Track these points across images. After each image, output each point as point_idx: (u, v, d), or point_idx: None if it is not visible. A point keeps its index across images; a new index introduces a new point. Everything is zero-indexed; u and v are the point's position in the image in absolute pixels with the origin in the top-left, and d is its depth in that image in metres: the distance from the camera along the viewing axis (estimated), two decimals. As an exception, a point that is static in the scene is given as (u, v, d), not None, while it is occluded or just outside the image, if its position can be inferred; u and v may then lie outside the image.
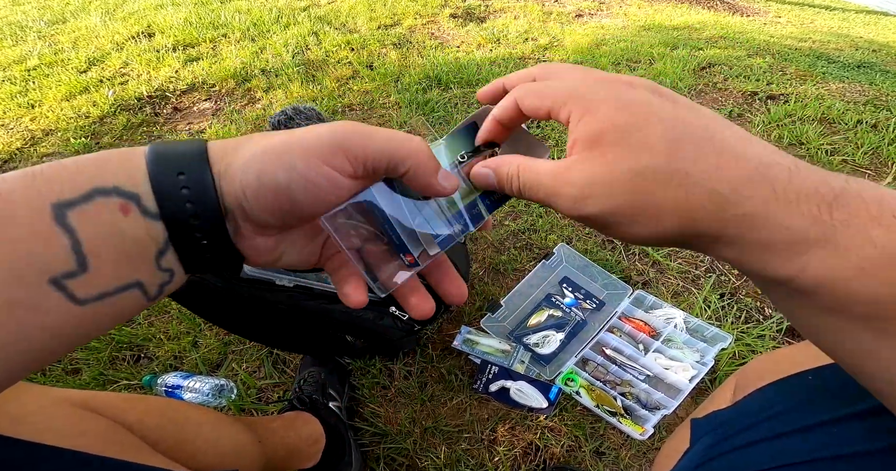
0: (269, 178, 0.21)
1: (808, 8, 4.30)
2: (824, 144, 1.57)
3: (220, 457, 0.47)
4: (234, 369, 0.93)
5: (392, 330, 0.82)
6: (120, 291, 0.21)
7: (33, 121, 1.72)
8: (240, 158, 0.22)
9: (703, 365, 0.91)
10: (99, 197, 0.20)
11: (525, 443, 0.85)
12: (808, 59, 2.35)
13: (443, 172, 0.25)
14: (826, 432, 0.28)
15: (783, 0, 4.45)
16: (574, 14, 2.91)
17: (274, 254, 0.25)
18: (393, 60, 2.07)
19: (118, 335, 0.98)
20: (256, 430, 0.58)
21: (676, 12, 3.25)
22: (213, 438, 0.48)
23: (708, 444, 0.36)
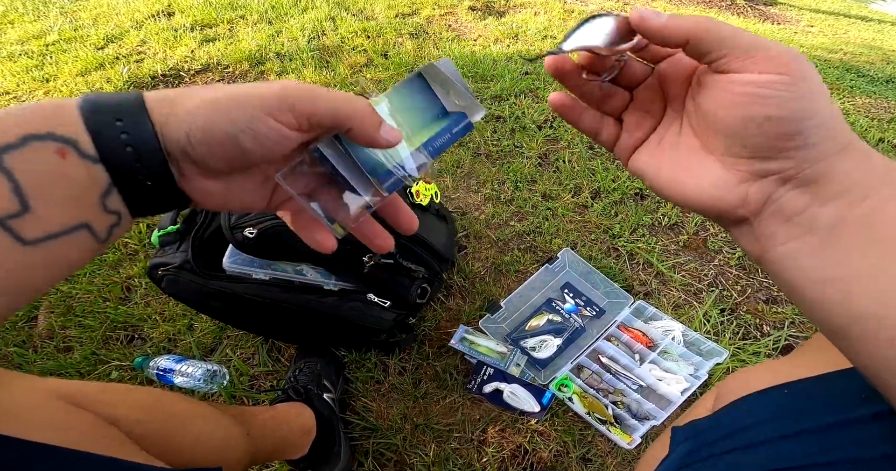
0: (217, 128, 0.22)
1: (842, 18, 4.18)
2: (844, 160, 1.54)
3: (206, 452, 0.47)
4: (227, 355, 0.93)
5: (378, 320, 0.81)
6: (67, 233, 0.21)
7: (46, 94, 1.73)
8: (182, 107, 0.22)
9: (697, 378, 0.91)
10: (34, 142, 0.20)
11: (514, 445, 0.85)
12: (836, 72, 2.28)
13: (385, 126, 0.26)
14: (800, 442, 0.29)
15: (818, 9, 4.32)
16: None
17: (221, 198, 0.26)
18: (408, 50, 2.04)
19: (113, 314, 0.99)
20: (246, 422, 0.58)
21: (703, 16, 3.17)
22: (200, 433, 0.48)
23: (685, 451, 0.37)
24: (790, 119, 0.21)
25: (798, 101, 0.21)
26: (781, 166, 0.23)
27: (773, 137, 0.22)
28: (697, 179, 0.25)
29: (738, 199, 0.24)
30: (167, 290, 0.79)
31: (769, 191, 0.23)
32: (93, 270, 1.08)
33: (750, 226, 0.25)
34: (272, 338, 0.95)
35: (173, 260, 0.78)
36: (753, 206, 0.24)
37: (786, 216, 0.23)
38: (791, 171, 0.22)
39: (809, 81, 0.22)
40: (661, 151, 0.28)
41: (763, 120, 0.22)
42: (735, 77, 0.23)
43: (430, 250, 0.87)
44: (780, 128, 0.22)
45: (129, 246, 1.14)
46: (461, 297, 1.06)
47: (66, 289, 1.04)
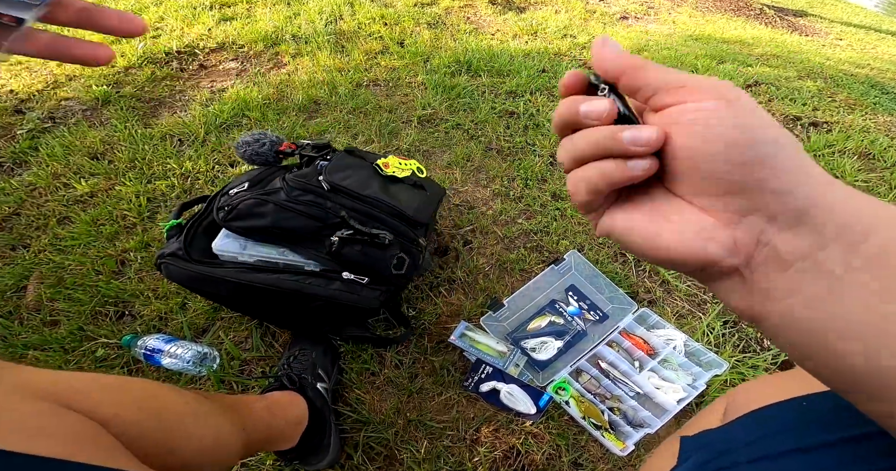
0: None
1: (872, 32, 4.11)
2: (859, 180, 1.51)
3: (201, 453, 0.45)
4: (220, 337, 0.91)
5: (365, 299, 0.80)
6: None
7: (59, 66, 1.71)
8: None
9: (694, 389, 0.90)
10: None
11: (507, 447, 0.83)
12: (861, 87, 2.24)
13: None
14: (813, 456, 0.29)
15: (848, 22, 4.25)
16: (619, 16, 2.81)
17: None
18: (425, 40, 2.01)
19: (105, 288, 0.96)
20: (242, 414, 0.56)
21: (730, 25, 3.12)
22: (194, 432, 0.45)
23: (697, 462, 0.36)
24: (746, 143, 0.20)
25: (744, 121, 0.20)
26: (760, 200, 0.20)
27: (739, 165, 0.20)
28: (678, 229, 0.23)
29: (726, 245, 0.21)
30: (168, 277, 0.80)
31: (758, 230, 0.21)
32: (88, 242, 1.06)
33: (741, 279, 0.22)
34: (266, 322, 0.93)
35: (170, 249, 0.80)
36: (744, 251, 0.21)
37: (785, 263, 0.20)
38: (773, 205, 0.20)
39: (747, 104, 0.21)
40: (634, 204, 0.25)
41: (722, 148, 0.20)
42: (674, 110, 0.22)
43: (398, 216, 0.85)
44: (742, 154, 0.20)
45: (128, 219, 1.12)
46: (463, 292, 1.04)
47: (59, 259, 1.02)
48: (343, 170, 0.87)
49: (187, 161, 1.27)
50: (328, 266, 0.80)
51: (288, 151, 0.95)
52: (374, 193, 0.85)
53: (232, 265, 0.79)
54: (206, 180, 1.23)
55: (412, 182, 0.94)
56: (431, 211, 0.92)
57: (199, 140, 1.36)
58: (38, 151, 1.30)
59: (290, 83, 1.66)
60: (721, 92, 0.21)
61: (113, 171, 1.25)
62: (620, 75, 0.23)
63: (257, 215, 0.79)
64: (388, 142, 1.41)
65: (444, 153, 1.41)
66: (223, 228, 0.82)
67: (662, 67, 0.22)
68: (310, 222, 0.80)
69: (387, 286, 0.82)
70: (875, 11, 5.62)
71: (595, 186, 0.24)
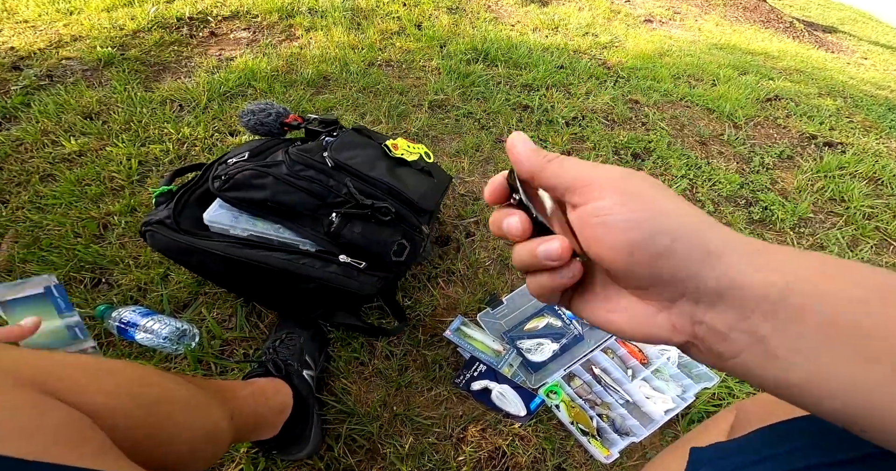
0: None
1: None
2: (865, 205, 1.48)
3: (190, 444, 0.41)
4: (201, 314, 0.86)
5: (361, 284, 0.76)
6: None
7: (66, 27, 1.65)
8: None
9: (683, 400, 0.90)
10: None
11: (493, 447, 0.81)
12: (880, 110, 2.21)
13: None
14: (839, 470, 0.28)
15: (876, 41, 4.22)
16: (643, 18, 2.75)
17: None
18: (443, 24, 1.95)
19: (83, 252, 0.91)
20: (229, 402, 0.53)
21: (756, 36, 3.08)
22: (187, 423, 0.42)
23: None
24: (641, 240, 0.21)
25: (638, 217, 0.21)
26: (679, 287, 0.22)
27: (644, 262, 0.22)
28: (627, 317, 0.24)
29: (667, 329, 0.23)
30: (152, 246, 0.76)
31: (689, 313, 0.22)
32: (70, 202, 1.01)
33: (696, 347, 0.24)
34: (252, 300, 0.88)
35: (158, 216, 0.75)
36: (684, 331, 0.23)
37: (721, 335, 0.22)
38: (691, 289, 0.22)
39: (642, 195, 0.22)
40: (592, 295, 0.27)
41: (624, 247, 0.22)
42: (582, 211, 0.23)
43: (404, 201, 0.81)
44: (643, 252, 0.21)
45: (116, 180, 1.07)
46: (462, 285, 1.00)
47: (37, 218, 0.97)
48: (350, 148, 0.82)
49: (185, 127, 1.22)
50: (325, 247, 0.76)
51: (294, 124, 0.91)
52: (380, 175, 0.80)
53: (222, 238, 0.75)
54: (204, 148, 1.18)
55: (420, 167, 0.90)
56: (437, 198, 0.88)
57: (200, 107, 1.30)
58: (29, 108, 1.24)
59: (300, 57, 1.60)
60: (618, 186, 0.22)
61: (106, 131, 1.19)
62: (531, 178, 0.25)
63: (255, 187, 0.75)
64: (397, 124, 1.36)
65: (453, 141, 1.36)
66: (217, 199, 0.78)
67: (568, 163, 0.24)
68: (309, 199, 0.75)
69: (385, 273, 0.78)
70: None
71: (544, 290, 0.26)
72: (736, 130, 1.73)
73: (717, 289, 0.21)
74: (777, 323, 0.20)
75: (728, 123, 1.77)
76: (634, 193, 0.22)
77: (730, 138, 1.68)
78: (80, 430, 0.31)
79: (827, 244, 1.32)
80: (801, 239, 1.34)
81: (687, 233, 0.21)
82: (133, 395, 0.38)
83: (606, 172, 0.23)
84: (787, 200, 1.46)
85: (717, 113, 1.80)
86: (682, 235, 0.21)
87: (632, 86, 1.85)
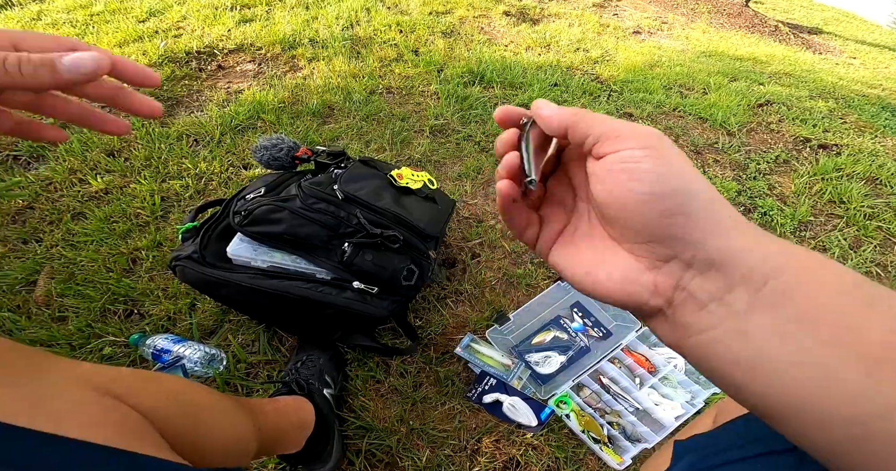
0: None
1: (887, 51, 4.11)
2: (865, 206, 1.51)
3: (221, 446, 0.46)
4: (227, 340, 0.92)
5: (375, 308, 0.81)
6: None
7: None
8: None
9: (693, 406, 0.92)
10: None
11: (507, 458, 0.84)
12: (872, 109, 2.25)
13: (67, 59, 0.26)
14: (793, 457, 0.30)
15: (863, 40, 4.26)
16: (632, 30, 2.83)
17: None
18: (439, 49, 2.03)
19: (115, 286, 0.97)
20: (255, 414, 0.58)
21: (743, 42, 3.14)
22: (218, 427, 0.47)
23: (689, 462, 0.38)
24: (662, 193, 0.22)
25: (663, 170, 0.22)
26: (677, 248, 0.22)
27: (657, 215, 0.22)
28: (610, 271, 0.25)
29: (649, 288, 0.24)
30: (182, 279, 0.82)
31: (676, 276, 0.23)
32: (101, 239, 1.08)
33: (665, 316, 0.24)
34: (274, 326, 0.94)
35: (185, 252, 0.81)
36: (664, 294, 0.24)
37: (699, 303, 0.22)
38: (688, 253, 0.22)
39: (668, 152, 0.23)
40: (575, 243, 0.28)
41: (644, 197, 0.22)
42: (608, 158, 0.24)
43: (410, 228, 0.87)
44: (661, 204, 0.22)
45: (141, 217, 1.14)
46: (470, 304, 1.05)
47: (71, 255, 1.03)
48: (358, 180, 0.88)
49: (202, 162, 1.29)
50: (339, 275, 0.82)
51: (304, 157, 0.97)
52: (388, 204, 0.86)
53: (245, 270, 0.81)
54: (220, 182, 1.25)
55: (424, 194, 0.96)
56: (442, 224, 0.94)
57: (214, 141, 1.38)
58: (55, 146, 1.32)
59: (305, 87, 1.68)
60: (647, 140, 0.23)
61: (128, 168, 1.27)
62: (566, 132, 0.25)
63: (272, 221, 0.81)
64: (401, 151, 1.43)
65: (455, 165, 1.42)
66: (238, 233, 0.84)
67: (600, 117, 0.25)
68: (323, 231, 0.81)
69: (396, 296, 0.83)
70: (890, 29, 5.62)
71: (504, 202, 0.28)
72: (730, 138, 1.77)
73: (714, 258, 0.22)
74: (756, 301, 0.21)
75: (721, 131, 1.81)
76: (665, 152, 0.23)
77: (724, 146, 1.72)
78: (137, 425, 0.36)
79: (829, 246, 1.35)
80: (803, 242, 1.36)
81: (706, 200, 0.22)
82: (175, 400, 0.43)
83: (641, 128, 0.24)
84: (786, 205, 1.49)
85: (710, 121, 1.85)
86: (701, 200, 0.22)
87: (625, 99, 1.91)
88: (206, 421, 0.45)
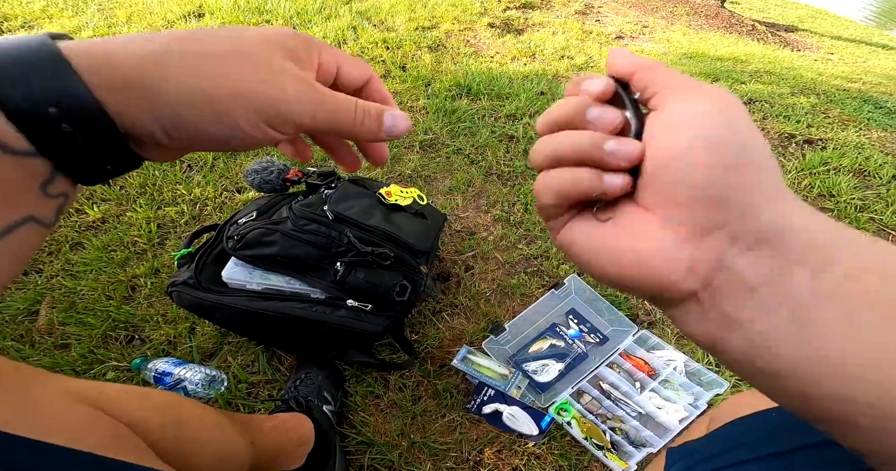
0: (209, 131, 0.21)
1: (863, 46, 4.17)
2: (855, 198, 1.53)
3: (216, 460, 0.48)
4: (227, 361, 0.93)
5: (370, 324, 0.83)
6: (12, 230, 0.19)
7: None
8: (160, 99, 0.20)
9: (696, 408, 0.91)
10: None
11: (510, 468, 0.84)
12: (854, 103, 2.28)
13: (388, 119, 0.26)
14: (782, 461, 0.30)
15: (839, 36, 4.33)
16: (614, 35, 2.88)
17: (178, 156, 0.25)
18: (426, 64, 2.07)
19: (115, 313, 0.99)
20: (251, 429, 0.59)
21: (723, 42, 3.19)
22: (211, 439, 0.48)
23: (679, 470, 0.39)
24: (735, 143, 0.19)
25: (738, 125, 0.20)
26: (728, 213, 0.19)
27: (723, 166, 0.19)
28: (635, 243, 0.21)
29: (683, 264, 0.20)
30: (179, 304, 0.84)
31: (719, 251, 0.19)
32: (99, 268, 1.09)
33: (699, 304, 0.20)
34: (272, 346, 0.95)
35: (182, 277, 0.83)
36: (703, 272, 0.20)
37: (745, 288, 0.19)
38: (740, 221, 0.19)
39: (742, 112, 0.20)
40: (593, 219, 0.24)
41: (705, 146, 0.19)
42: (677, 108, 0.21)
43: (401, 245, 0.88)
44: (729, 155, 0.19)
45: (138, 245, 1.15)
46: (465, 317, 1.06)
47: (71, 284, 1.05)
48: (348, 199, 0.90)
49: (196, 187, 1.31)
50: (333, 294, 0.83)
51: (295, 179, 0.99)
52: (377, 222, 0.88)
53: (241, 293, 0.82)
54: (215, 207, 1.27)
55: (414, 210, 0.98)
56: (432, 239, 0.95)
57: (207, 166, 1.40)
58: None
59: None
60: (719, 96, 0.21)
61: (124, 196, 1.29)
62: (633, 74, 0.23)
63: (265, 244, 0.83)
64: (391, 167, 1.45)
65: (445, 179, 1.44)
66: (232, 257, 0.85)
67: (671, 69, 0.22)
68: (315, 251, 0.83)
69: (390, 312, 0.85)
70: (864, 24, 5.72)
71: (564, 192, 0.23)
72: (715, 137, 1.80)
73: (768, 229, 0.19)
74: (819, 286, 0.17)
75: (707, 131, 1.84)
76: (736, 111, 0.20)
77: (710, 146, 1.74)
78: (123, 435, 0.37)
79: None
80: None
81: (770, 167, 0.20)
82: (165, 412, 0.44)
83: (713, 87, 0.21)
84: (775, 201, 1.51)
85: (695, 122, 1.88)
86: (765, 165, 0.19)
87: (610, 104, 1.93)
88: (195, 434, 0.47)
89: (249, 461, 0.55)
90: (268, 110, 0.21)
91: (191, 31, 0.22)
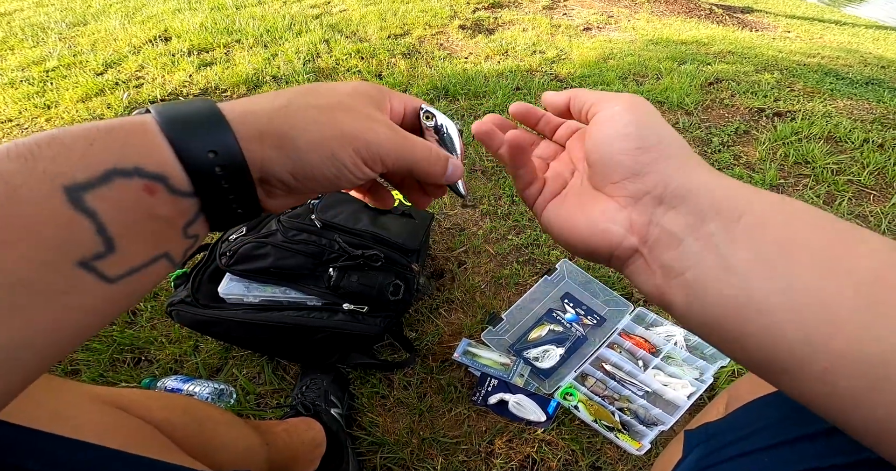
0: (323, 172, 0.24)
1: (817, 23, 4.30)
2: (830, 163, 1.57)
3: (234, 457, 0.49)
4: (234, 375, 0.94)
5: (367, 326, 0.84)
6: (149, 264, 0.21)
7: (48, 121, 1.76)
8: (290, 145, 0.23)
9: (702, 382, 0.92)
10: (118, 179, 0.19)
11: (522, 456, 0.85)
12: (816, 76, 2.35)
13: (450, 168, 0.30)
14: (814, 444, 0.29)
15: (792, 15, 4.46)
16: (582, 27, 2.93)
17: (292, 203, 0.28)
18: (402, 70, 2.09)
19: (120, 337, 0.99)
20: (263, 432, 0.60)
21: (685, 27, 3.26)
22: (228, 438, 0.50)
23: (699, 455, 0.37)
24: (637, 133, 0.25)
25: (640, 119, 0.26)
26: (649, 182, 0.24)
27: (635, 148, 0.25)
28: (588, 216, 0.27)
29: (624, 225, 0.25)
30: (179, 322, 0.85)
31: (649, 212, 0.24)
32: (98, 296, 1.09)
33: (644, 259, 0.25)
34: (276, 356, 0.96)
35: (179, 296, 0.85)
36: (639, 229, 0.25)
37: (675, 240, 0.23)
38: (659, 187, 0.24)
39: (646, 109, 0.27)
40: (565, 200, 0.30)
41: (621, 137, 0.25)
42: (598, 116, 0.28)
43: (391, 246, 0.90)
44: (638, 139, 0.25)
45: (134, 271, 1.16)
46: (462, 311, 1.08)
47: (73, 315, 1.05)
48: (334, 206, 0.92)
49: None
50: (329, 299, 0.84)
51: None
52: (365, 225, 0.90)
53: (238, 307, 0.83)
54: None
55: (400, 211, 0.99)
56: (421, 237, 0.97)
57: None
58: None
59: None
60: (628, 100, 0.27)
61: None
62: (568, 105, 0.31)
63: (258, 257, 0.84)
64: (376, 171, 1.47)
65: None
66: (227, 273, 0.86)
67: (591, 91, 0.30)
68: (307, 260, 0.84)
69: (386, 312, 0.86)
70: (815, 2, 5.87)
71: None
72: (689, 117, 1.85)
73: (682, 190, 0.23)
74: (734, 233, 0.21)
75: (680, 112, 1.89)
76: (643, 109, 0.27)
77: (685, 125, 1.79)
78: (148, 433, 0.39)
79: (802, 205, 1.41)
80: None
81: (678, 143, 0.26)
82: (187, 412, 0.46)
83: (624, 94, 0.28)
84: (755, 171, 1.55)
85: (668, 104, 1.92)
86: (674, 141, 0.25)
87: (585, 94, 1.97)
88: (215, 431, 0.48)
89: (267, 462, 0.56)
90: (364, 151, 0.25)
91: (305, 86, 0.26)
